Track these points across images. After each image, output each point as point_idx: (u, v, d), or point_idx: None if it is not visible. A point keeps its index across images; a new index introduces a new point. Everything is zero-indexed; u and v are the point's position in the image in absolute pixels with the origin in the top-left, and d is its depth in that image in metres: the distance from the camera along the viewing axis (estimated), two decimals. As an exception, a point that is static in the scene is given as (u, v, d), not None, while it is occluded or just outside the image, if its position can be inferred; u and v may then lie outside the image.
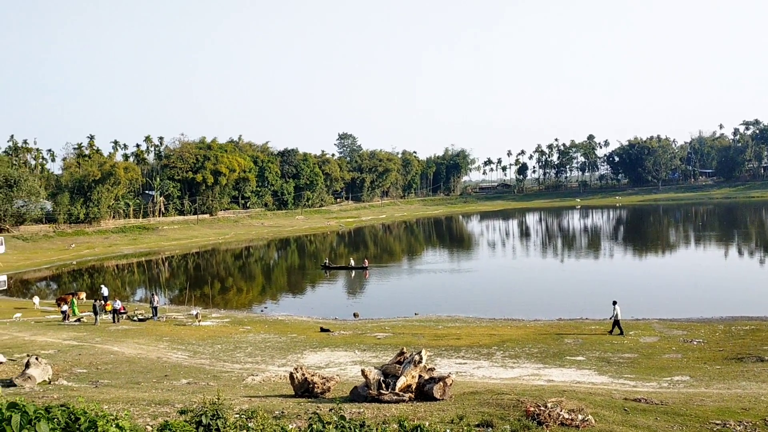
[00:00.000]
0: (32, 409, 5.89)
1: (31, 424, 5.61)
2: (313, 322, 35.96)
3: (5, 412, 5.82)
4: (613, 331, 28.11)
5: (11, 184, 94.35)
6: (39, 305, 42.65)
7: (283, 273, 70.34)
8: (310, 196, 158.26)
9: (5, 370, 20.40)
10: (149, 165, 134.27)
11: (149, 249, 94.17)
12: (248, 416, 8.56)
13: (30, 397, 13.76)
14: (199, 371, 21.24)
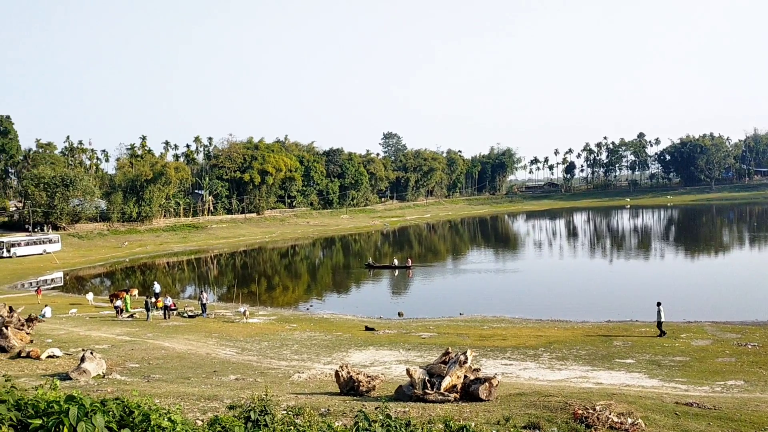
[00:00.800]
0: (88, 402, 6.10)
1: (87, 416, 5.80)
2: (357, 320, 36.14)
3: (63, 404, 6.04)
4: (664, 333, 27.53)
5: (67, 183, 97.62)
6: (93, 301, 43.97)
7: (328, 272, 70.88)
8: (354, 196, 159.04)
9: (62, 364, 21.12)
10: (198, 165, 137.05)
11: (198, 247, 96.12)
12: (295, 413, 8.67)
13: (85, 391, 14.21)
14: (247, 367, 21.58)
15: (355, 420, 7.36)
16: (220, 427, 6.76)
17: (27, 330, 24.85)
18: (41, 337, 26.27)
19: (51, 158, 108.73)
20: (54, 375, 18.63)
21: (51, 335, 27.46)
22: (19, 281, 61.39)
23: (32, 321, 25.90)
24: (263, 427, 7.15)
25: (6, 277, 62.76)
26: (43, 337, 26.41)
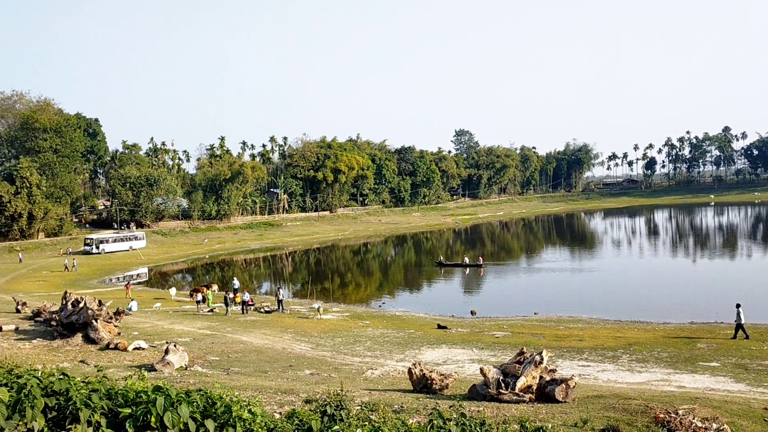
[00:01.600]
0: (174, 392, 6.35)
1: (173, 406, 6.05)
2: (430, 318, 36.09)
3: (151, 394, 6.31)
4: (737, 336, 26.31)
5: (152, 183, 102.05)
6: (175, 296, 45.72)
7: (400, 269, 71.10)
8: (426, 193, 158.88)
9: (147, 356, 22.10)
10: (274, 164, 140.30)
11: (274, 244, 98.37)
12: (370, 409, 8.75)
13: (169, 382, 14.82)
14: (321, 363, 21.94)
15: (429, 418, 7.35)
16: (298, 420, 6.91)
17: (115, 323, 26.15)
18: (128, 329, 27.55)
19: (136, 159, 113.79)
20: (140, 366, 19.53)
21: (137, 328, 28.75)
22: (107, 276, 64.58)
23: (120, 314, 27.25)
24: (339, 421, 7.25)
25: (95, 273, 66.13)
26: (129, 329, 27.69)
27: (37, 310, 30.86)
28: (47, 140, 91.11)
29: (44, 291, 48.27)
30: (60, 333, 25.43)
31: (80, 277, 61.22)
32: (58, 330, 25.83)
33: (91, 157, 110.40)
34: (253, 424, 6.30)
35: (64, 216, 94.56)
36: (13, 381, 6.35)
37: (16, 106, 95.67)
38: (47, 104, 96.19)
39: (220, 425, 6.05)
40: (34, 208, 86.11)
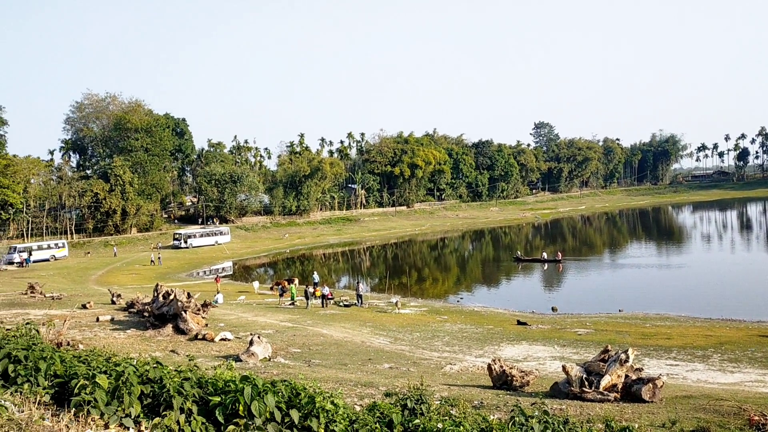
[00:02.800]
0: (260, 382, 6.56)
1: (260, 396, 6.25)
2: (509, 314, 35.64)
3: (239, 384, 6.55)
4: None
5: (235, 179, 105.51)
6: (258, 289, 47.05)
7: (478, 264, 70.50)
8: (504, 188, 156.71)
9: (233, 347, 22.86)
10: (351, 160, 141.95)
11: (352, 239, 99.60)
12: (450, 404, 8.75)
13: (254, 372, 15.30)
14: (400, 357, 22.06)
15: (511, 415, 7.29)
16: (379, 413, 7.00)
17: (202, 314, 27.18)
18: (214, 321, 28.59)
19: (221, 157, 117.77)
20: (226, 356, 20.24)
21: (223, 320, 29.80)
22: (195, 270, 67.24)
23: (207, 306, 28.29)
24: (420, 415, 7.30)
25: (183, 266, 69.00)
26: (216, 321, 28.73)
27: (131, 302, 32.49)
28: (138, 140, 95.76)
29: (137, 283, 50.78)
30: (152, 323, 26.67)
31: (170, 271, 64.02)
32: (150, 321, 27.11)
33: (179, 155, 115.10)
34: (336, 415, 6.43)
35: (155, 212, 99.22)
36: (112, 368, 6.72)
37: (110, 107, 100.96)
38: (138, 105, 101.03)
39: (304, 415, 6.21)
40: (127, 205, 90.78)
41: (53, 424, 5.28)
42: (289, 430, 6.03)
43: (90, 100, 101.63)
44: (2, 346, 7.93)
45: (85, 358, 7.88)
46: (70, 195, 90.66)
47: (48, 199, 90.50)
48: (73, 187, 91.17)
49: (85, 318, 29.13)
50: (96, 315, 29.68)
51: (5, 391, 6.70)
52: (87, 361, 7.59)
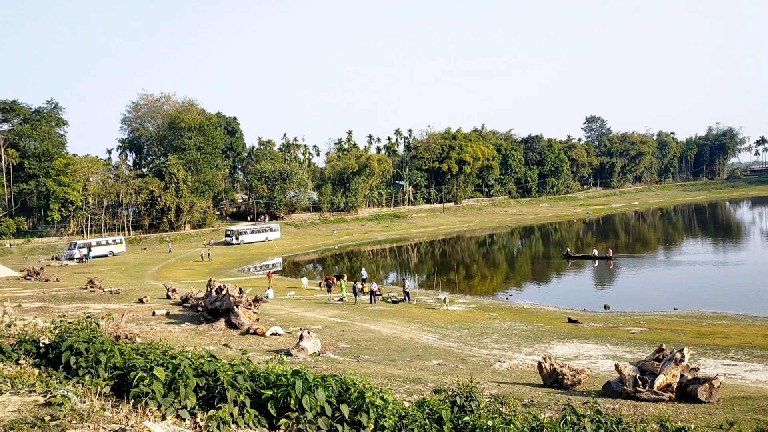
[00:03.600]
0: (311, 377, 6.66)
1: (310, 390, 6.35)
2: (560, 312, 35.15)
3: (290, 378, 6.66)
4: None
5: (285, 177, 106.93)
6: (307, 285, 47.63)
7: (527, 261, 69.68)
8: (554, 183, 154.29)
9: (283, 341, 23.22)
10: (399, 156, 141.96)
11: (399, 235, 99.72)
12: (500, 401, 8.70)
13: (304, 367, 15.51)
14: (448, 353, 22.01)
15: (562, 413, 7.21)
16: (428, 409, 7.01)
17: (254, 309, 27.68)
18: (265, 316, 29.06)
19: (271, 154, 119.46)
20: (277, 351, 20.56)
21: (273, 315, 30.27)
22: (246, 266, 68.48)
23: (258, 301, 28.79)
24: (469, 412, 7.28)
25: (235, 262, 70.34)
26: (267, 316, 29.20)
27: (185, 297, 33.31)
28: (192, 138, 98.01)
29: (191, 279, 52.02)
30: (205, 318, 27.31)
31: (222, 266, 65.36)
32: (203, 315, 27.76)
33: (230, 153, 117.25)
34: (385, 410, 6.48)
35: (207, 209, 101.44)
36: (168, 361, 6.92)
37: (164, 107, 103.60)
38: (191, 105, 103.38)
39: (354, 410, 6.28)
40: (181, 202, 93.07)
41: (113, 414, 5.47)
42: (339, 424, 6.10)
43: (145, 101, 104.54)
44: (64, 338, 8.25)
45: (143, 350, 8.13)
46: (126, 193, 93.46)
47: (106, 197, 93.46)
48: (130, 185, 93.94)
49: (141, 312, 30.02)
50: (152, 309, 30.55)
51: (68, 382, 6.97)
52: (144, 353, 7.83)
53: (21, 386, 6.37)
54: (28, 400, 5.86)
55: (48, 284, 44.72)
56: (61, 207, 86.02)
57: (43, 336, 9.86)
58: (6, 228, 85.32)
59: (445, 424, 6.54)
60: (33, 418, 5.13)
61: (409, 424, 6.34)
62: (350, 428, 6.13)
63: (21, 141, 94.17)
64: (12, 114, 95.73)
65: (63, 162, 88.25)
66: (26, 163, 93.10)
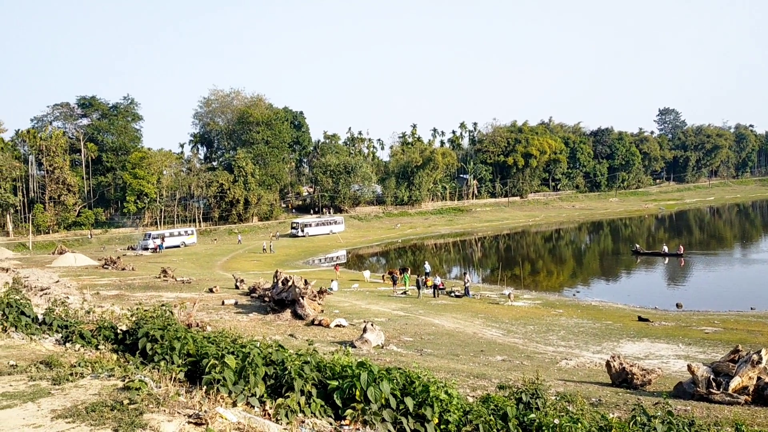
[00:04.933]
0: (376, 369, 6.73)
1: (375, 382, 6.42)
2: (629, 309, 34.19)
3: (355, 369, 6.75)
4: None
5: (349, 170, 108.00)
6: (369, 278, 47.98)
7: (595, 257, 68.03)
8: (625, 177, 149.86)
9: (347, 333, 23.51)
10: (463, 150, 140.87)
11: (463, 229, 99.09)
12: (567, 399, 8.56)
13: (368, 359, 15.66)
14: (513, 349, 21.78)
15: (632, 414, 7.04)
16: (493, 405, 6.98)
17: (318, 301, 28.13)
18: (329, 307, 29.47)
19: (336, 148, 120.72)
20: (341, 342, 20.83)
21: (337, 306, 30.66)
22: (311, 258, 69.56)
23: (322, 293, 29.24)
24: (535, 410, 7.20)
25: (300, 254, 71.56)
26: (331, 308, 29.61)
27: (253, 287, 34.18)
28: (260, 132, 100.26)
29: (258, 270, 53.26)
30: (272, 308, 27.95)
31: (287, 258, 66.61)
32: (270, 305, 28.42)
33: (296, 147, 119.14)
34: (450, 405, 6.49)
35: (274, 202, 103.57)
36: (239, 350, 7.14)
37: (234, 102, 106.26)
38: (260, 100, 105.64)
39: (418, 403, 6.32)
40: (249, 195, 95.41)
41: (187, 400, 5.68)
42: (403, 417, 6.15)
43: (216, 96, 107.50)
44: (141, 326, 8.63)
45: (214, 339, 8.40)
46: (198, 185, 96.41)
47: (178, 189, 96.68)
48: (201, 178, 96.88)
49: (211, 301, 30.99)
50: (221, 299, 31.49)
51: (144, 368, 7.29)
52: (215, 341, 8.10)
53: (101, 370, 6.71)
54: (108, 384, 6.16)
55: (124, 273, 46.71)
56: (137, 199, 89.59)
57: (120, 323, 10.33)
58: (85, 219, 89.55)
59: (511, 421, 6.49)
60: (112, 402, 5.39)
61: (473, 420, 6.33)
62: (415, 421, 6.17)
63: (99, 135, 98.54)
64: (91, 109, 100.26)
65: (138, 156, 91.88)
66: (104, 156, 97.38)
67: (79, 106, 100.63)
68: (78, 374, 6.47)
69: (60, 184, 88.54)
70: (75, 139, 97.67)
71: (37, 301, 21.42)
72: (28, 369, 6.88)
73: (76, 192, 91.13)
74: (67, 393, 5.83)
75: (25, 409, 5.37)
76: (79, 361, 7.07)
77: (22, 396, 5.76)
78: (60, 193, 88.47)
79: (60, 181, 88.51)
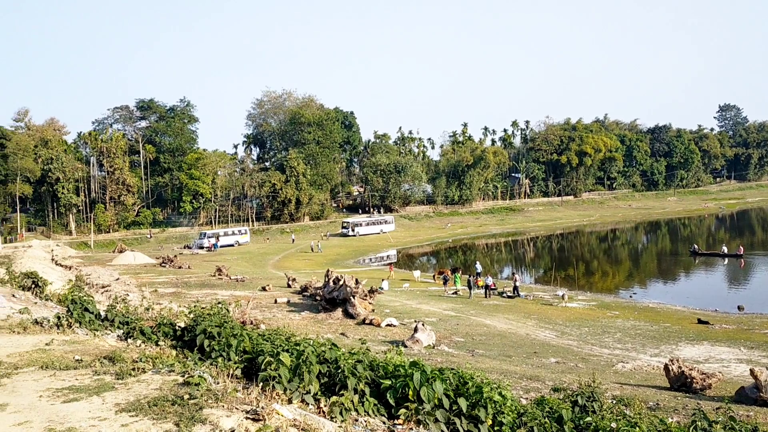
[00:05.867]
0: (429, 369, 6.73)
1: (428, 382, 6.42)
2: (688, 312, 33.18)
3: (408, 369, 6.76)
4: None
5: (399, 170, 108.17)
6: (420, 277, 47.92)
7: (652, 258, 66.25)
8: (683, 176, 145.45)
9: (398, 333, 23.56)
10: (515, 148, 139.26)
11: (515, 229, 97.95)
12: (624, 403, 8.38)
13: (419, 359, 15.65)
14: (567, 352, 21.43)
15: (692, 419, 6.84)
16: (548, 407, 6.89)
17: (369, 300, 28.26)
18: (380, 307, 29.58)
19: (386, 147, 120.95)
20: (392, 342, 20.89)
21: (388, 306, 30.75)
22: (361, 257, 69.94)
23: (373, 292, 29.37)
24: (591, 413, 7.08)
25: (351, 253, 72.04)
26: (382, 307, 29.72)
27: (304, 286, 34.60)
28: (311, 133, 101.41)
29: (309, 268, 53.88)
30: (323, 307, 28.24)
31: (338, 257, 67.16)
32: (321, 304, 28.72)
33: (347, 147, 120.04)
34: (503, 406, 6.43)
35: (325, 201, 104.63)
36: (293, 348, 7.24)
37: (286, 103, 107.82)
38: (311, 100, 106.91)
39: (471, 404, 6.28)
40: (300, 194, 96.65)
41: (244, 396, 5.80)
42: (457, 417, 6.13)
43: (269, 97, 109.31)
44: (199, 322, 8.85)
45: (269, 336, 8.55)
46: (251, 185, 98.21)
47: (232, 189, 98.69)
48: (254, 178, 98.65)
49: (264, 299, 31.52)
50: (274, 297, 32.00)
51: (202, 364, 7.48)
52: (270, 339, 8.24)
53: (161, 366, 6.91)
54: (168, 379, 6.34)
55: (180, 271, 47.96)
56: (192, 199, 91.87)
57: (178, 320, 10.62)
58: (144, 218, 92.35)
59: (566, 424, 6.40)
60: (173, 396, 5.55)
61: (528, 422, 6.26)
62: (468, 422, 6.14)
63: (157, 137, 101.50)
64: (149, 112, 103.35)
65: (194, 156, 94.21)
66: (162, 157, 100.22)
67: (138, 109, 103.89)
68: (140, 369, 6.68)
69: (120, 184, 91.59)
70: (134, 140, 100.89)
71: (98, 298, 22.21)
72: (93, 364, 7.14)
73: (135, 192, 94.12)
74: (130, 387, 6.02)
75: (90, 403, 5.58)
76: (141, 357, 7.30)
77: (87, 390, 5.98)
78: (120, 194, 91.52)
79: (120, 182, 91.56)
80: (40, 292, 16.53)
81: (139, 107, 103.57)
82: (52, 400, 5.69)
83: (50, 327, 9.88)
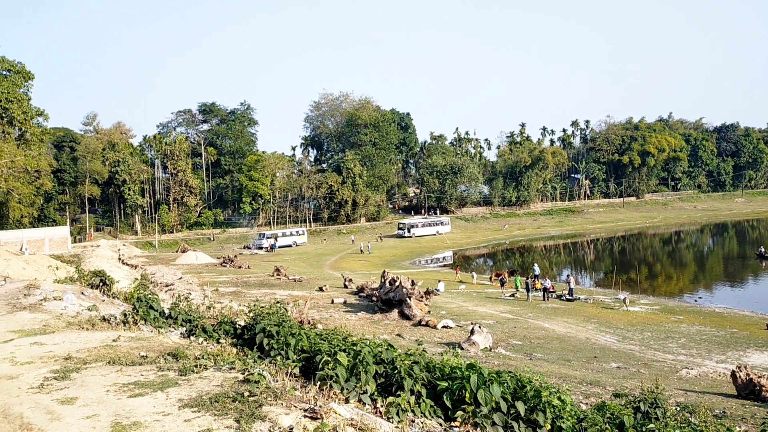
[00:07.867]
0: (486, 372, 6.68)
1: (485, 385, 6.37)
2: (757, 317, 31.79)
3: (465, 371, 6.73)
4: None
5: (456, 171, 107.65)
6: (476, 279, 47.51)
7: (719, 261, 63.81)
8: (752, 176, 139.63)
9: (454, 335, 23.43)
10: (575, 149, 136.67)
11: (574, 231, 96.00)
12: (689, 410, 8.12)
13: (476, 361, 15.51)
14: (628, 357, 20.87)
15: (761, 428, 6.58)
16: (609, 413, 6.74)
17: (425, 302, 28.22)
18: (436, 308, 29.49)
19: (442, 149, 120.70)
20: (448, 343, 20.80)
21: (444, 307, 30.62)
22: (417, 258, 69.88)
23: (429, 294, 29.31)
24: (654, 420, 6.88)
25: (407, 255, 72.08)
26: (437, 308, 29.62)
27: (360, 287, 34.82)
28: (367, 134, 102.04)
29: (365, 269, 54.16)
30: (379, 308, 28.35)
31: (394, 258, 67.29)
32: (377, 305, 28.84)
33: (403, 148, 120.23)
34: (563, 411, 6.32)
35: (381, 202, 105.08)
36: (350, 348, 7.31)
37: (342, 105, 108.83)
38: (367, 102, 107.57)
39: (530, 408, 6.20)
40: (357, 196, 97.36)
41: (302, 394, 5.89)
42: (514, 421, 6.06)
43: (326, 100, 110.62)
44: (258, 321, 9.04)
45: (326, 336, 8.65)
46: (308, 187, 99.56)
47: (290, 191, 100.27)
48: (311, 179, 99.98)
49: (321, 299, 31.87)
50: (331, 297, 32.32)
51: (261, 362, 7.63)
52: (327, 339, 8.34)
53: (222, 363, 7.09)
54: (229, 376, 6.50)
55: (240, 271, 48.99)
56: (252, 200, 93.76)
57: (238, 318, 10.87)
58: (205, 219, 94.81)
59: (628, 431, 6.24)
60: (234, 393, 5.68)
61: (588, 428, 6.15)
62: (526, 426, 6.07)
63: (218, 140, 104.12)
64: (211, 115, 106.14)
65: (254, 159, 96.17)
66: (222, 159, 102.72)
67: (200, 112, 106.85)
68: (202, 366, 6.86)
69: (183, 186, 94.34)
70: (196, 143, 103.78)
71: (162, 297, 22.93)
72: (157, 360, 7.38)
73: (197, 193, 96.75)
74: (193, 384, 6.20)
75: (155, 398, 5.77)
76: (203, 354, 7.51)
77: (152, 385, 6.19)
78: (183, 195, 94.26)
79: (183, 184, 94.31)
80: (107, 290, 17.19)
81: (201, 111, 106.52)
82: (118, 394, 5.91)
83: (117, 324, 10.27)
